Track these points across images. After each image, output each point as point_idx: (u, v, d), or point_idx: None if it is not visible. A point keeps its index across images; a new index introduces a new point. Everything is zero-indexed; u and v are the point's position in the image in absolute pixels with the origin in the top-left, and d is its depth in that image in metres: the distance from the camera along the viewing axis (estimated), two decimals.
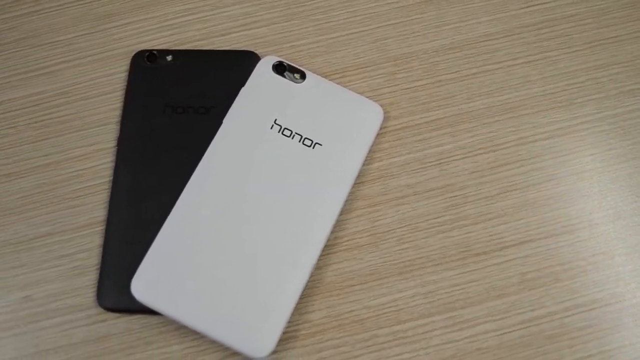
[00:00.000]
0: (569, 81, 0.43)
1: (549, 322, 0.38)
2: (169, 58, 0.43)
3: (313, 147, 0.39)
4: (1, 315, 0.39)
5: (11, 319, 0.39)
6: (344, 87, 0.42)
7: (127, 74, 0.43)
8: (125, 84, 0.43)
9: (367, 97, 0.42)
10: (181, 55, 0.43)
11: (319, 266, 0.39)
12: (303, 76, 0.41)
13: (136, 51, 0.44)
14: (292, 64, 0.41)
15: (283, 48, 0.44)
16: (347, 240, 0.40)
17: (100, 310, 0.38)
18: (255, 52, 0.43)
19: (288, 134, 0.40)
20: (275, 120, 0.40)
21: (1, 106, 0.44)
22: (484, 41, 0.44)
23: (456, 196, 0.40)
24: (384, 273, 0.39)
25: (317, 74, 0.42)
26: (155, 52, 0.43)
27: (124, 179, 0.40)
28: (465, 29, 0.44)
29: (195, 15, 0.45)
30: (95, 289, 0.39)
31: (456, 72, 0.43)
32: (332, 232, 0.39)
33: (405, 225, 0.40)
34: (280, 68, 0.41)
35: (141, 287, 0.36)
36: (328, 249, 0.39)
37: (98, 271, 0.39)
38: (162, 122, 0.41)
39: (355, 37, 0.44)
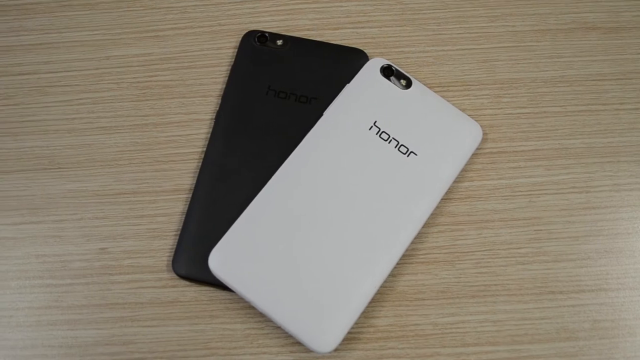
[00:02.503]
0: None
1: None
2: (279, 42, 0.43)
3: (408, 155, 0.39)
4: (78, 262, 0.40)
5: (86, 267, 0.40)
6: (447, 101, 0.41)
7: (235, 50, 0.44)
8: (232, 60, 0.44)
9: (468, 115, 0.41)
10: (292, 41, 0.43)
11: (393, 274, 0.39)
12: (409, 84, 0.41)
13: (248, 30, 0.44)
14: (401, 70, 0.41)
15: (391, 52, 0.44)
16: (425, 254, 0.39)
17: (172, 275, 0.39)
18: (364, 51, 0.43)
19: (385, 138, 0.39)
20: (375, 122, 0.40)
21: (109, 61, 0.45)
22: (595, 80, 0.43)
23: (541, 230, 0.40)
24: (456, 293, 0.38)
25: (423, 84, 0.42)
26: (267, 34, 0.43)
27: (216, 153, 0.41)
28: (578, 65, 0.44)
29: (311, 5, 0.46)
30: (170, 254, 0.40)
31: (562, 106, 0.43)
32: (412, 242, 0.39)
33: (485, 250, 0.39)
34: (387, 71, 0.41)
35: (218, 260, 0.37)
36: (405, 258, 0.39)
37: (176, 237, 0.40)
38: (262, 104, 0.41)
39: (465, 54, 0.44)
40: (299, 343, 0.37)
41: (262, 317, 0.38)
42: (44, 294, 0.39)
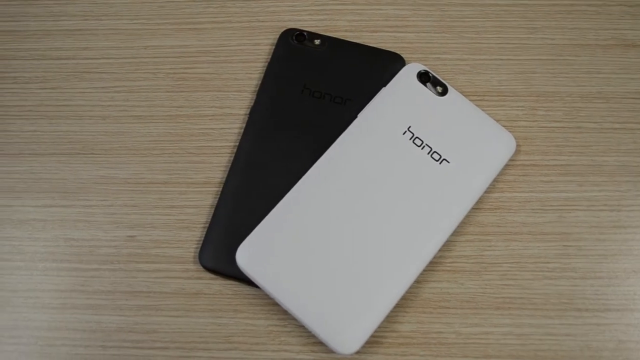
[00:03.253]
0: None
1: None
2: (317, 42, 0.43)
3: (440, 163, 0.39)
4: (106, 248, 0.40)
5: (114, 254, 0.40)
6: (482, 110, 0.41)
7: (272, 47, 0.44)
8: (269, 57, 0.44)
9: (502, 126, 0.41)
10: (330, 41, 0.43)
11: (418, 280, 0.39)
12: (445, 91, 0.41)
13: (286, 28, 0.44)
14: (437, 76, 0.41)
15: (428, 58, 0.44)
16: (452, 262, 0.39)
17: (198, 267, 0.39)
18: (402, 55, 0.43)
19: (419, 144, 0.39)
20: (409, 127, 0.40)
21: (146, 50, 0.45)
22: (632, 98, 0.43)
23: (570, 246, 0.39)
24: (481, 303, 0.38)
25: (458, 92, 0.41)
26: (305, 32, 0.43)
27: (249, 148, 0.41)
28: (615, 82, 0.43)
29: (350, 7, 0.46)
30: (197, 246, 0.40)
31: (597, 122, 0.42)
32: (439, 250, 0.38)
33: (513, 262, 0.39)
34: (424, 77, 0.41)
35: (246, 255, 0.37)
36: (431, 266, 0.39)
37: (204, 229, 0.40)
38: (297, 103, 0.42)
39: (502, 64, 0.44)
40: (320, 343, 0.37)
41: (285, 315, 0.38)
42: (71, 277, 0.39)
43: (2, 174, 0.42)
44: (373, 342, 0.37)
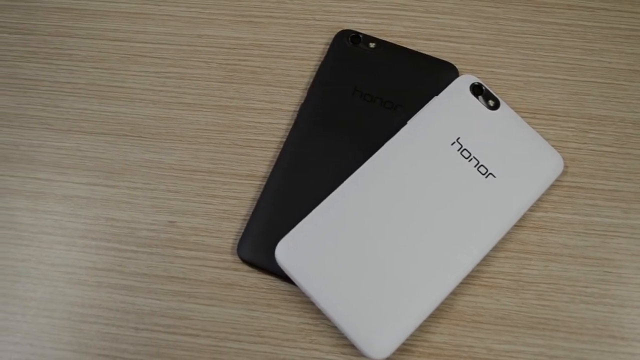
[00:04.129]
0: None
1: None
2: (372, 45, 0.43)
3: (486, 177, 0.39)
4: (145, 231, 0.40)
5: (153, 237, 0.40)
6: (532, 128, 0.41)
7: (326, 47, 0.44)
8: (322, 56, 0.44)
9: (551, 145, 0.41)
10: (385, 46, 0.43)
11: (454, 292, 0.38)
12: (497, 105, 0.41)
13: (341, 29, 0.44)
14: (490, 90, 0.41)
15: (482, 71, 0.44)
16: (489, 277, 0.39)
17: (236, 259, 0.39)
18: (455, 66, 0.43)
19: (466, 156, 0.39)
20: (458, 138, 0.40)
21: (201, 39, 0.45)
22: None
23: (611, 272, 0.39)
24: (515, 321, 0.38)
25: (510, 107, 0.41)
26: (361, 35, 0.43)
27: (295, 145, 0.41)
28: None
29: (407, 13, 0.46)
30: (236, 238, 0.40)
31: None
32: (477, 264, 0.38)
33: (551, 283, 0.39)
34: (477, 89, 0.41)
35: (285, 251, 0.37)
36: (468, 279, 0.39)
37: (244, 221, 0.40)
38: (347, 104, 0.42)
39: (557, 83, 0.44)
40: (351, 345, 0.37)
41: (318, 314, 0.38)
42: (108, 256, 0.40)
43: (49, 149, 0.42)
44: (404, 349, 0.37)
